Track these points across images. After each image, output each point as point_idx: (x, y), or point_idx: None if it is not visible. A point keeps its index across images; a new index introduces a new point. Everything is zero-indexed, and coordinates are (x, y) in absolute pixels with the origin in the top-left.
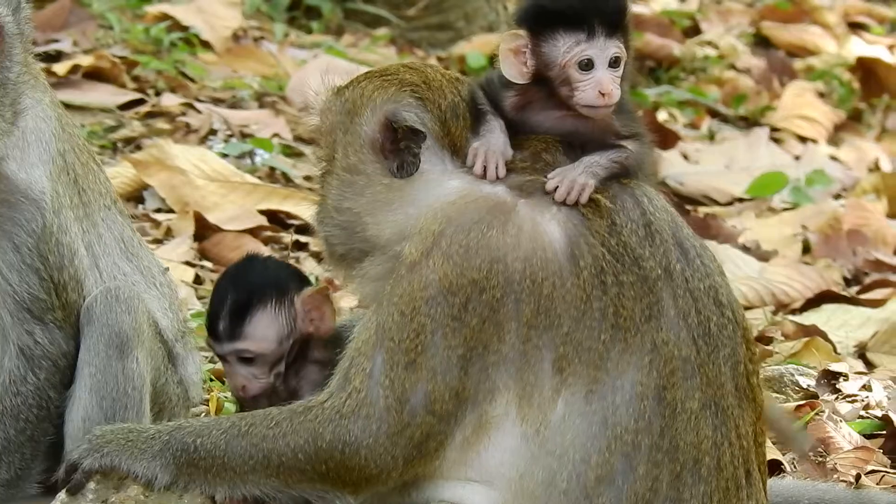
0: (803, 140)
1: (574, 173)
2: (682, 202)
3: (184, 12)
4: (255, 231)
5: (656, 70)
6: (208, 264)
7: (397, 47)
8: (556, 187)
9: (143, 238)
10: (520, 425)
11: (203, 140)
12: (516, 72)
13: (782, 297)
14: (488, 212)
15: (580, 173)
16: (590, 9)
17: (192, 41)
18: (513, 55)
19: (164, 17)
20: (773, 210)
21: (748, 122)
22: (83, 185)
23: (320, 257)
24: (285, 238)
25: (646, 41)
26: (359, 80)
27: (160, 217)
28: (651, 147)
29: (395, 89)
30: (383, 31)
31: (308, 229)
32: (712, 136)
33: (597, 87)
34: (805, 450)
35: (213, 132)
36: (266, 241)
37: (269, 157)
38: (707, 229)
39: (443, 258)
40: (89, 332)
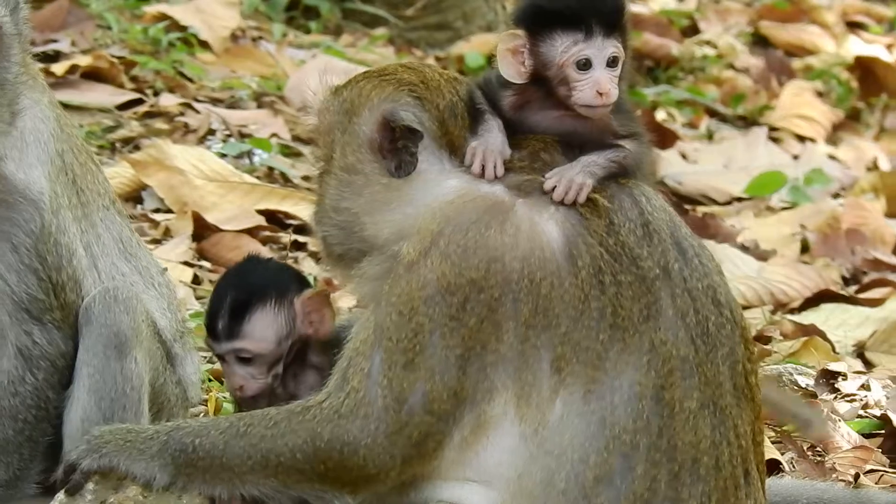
0: (802, 139)
1: (572, 173)
2: (681, 201)
3: (182, 12)
4: (253, 231)
5: (654, 69)
6: (207, 264)
7: (395, 47)
8: (555, 187)
9: (141, 238)
10: (518, 425)
11: (201, 140)
12: (514, 71)
13: (781, 296)
14: (486, 211)
15: (578, 173)
16: (587, 8)
17: (191, 41)
18: (511, 55)
19: (162, 17)
20: (771, 209)
21: (747, 122)
22: (82, 185)
23: (318, 257)
24: (284, 238)
25: (644, 40)
26: (357, 80)
27: (159, 217)
28: (649, 146)
29: (393, 89)
30: (382, 31)
31: (306, 229)
32: (711, 136)
33: (595, 86)
34: (823, 432)
35: (211, 132)
36: (264, 241)
37: (267, 157)
38: (705, 229)
39: (441, 258)
40: (88, 333)
